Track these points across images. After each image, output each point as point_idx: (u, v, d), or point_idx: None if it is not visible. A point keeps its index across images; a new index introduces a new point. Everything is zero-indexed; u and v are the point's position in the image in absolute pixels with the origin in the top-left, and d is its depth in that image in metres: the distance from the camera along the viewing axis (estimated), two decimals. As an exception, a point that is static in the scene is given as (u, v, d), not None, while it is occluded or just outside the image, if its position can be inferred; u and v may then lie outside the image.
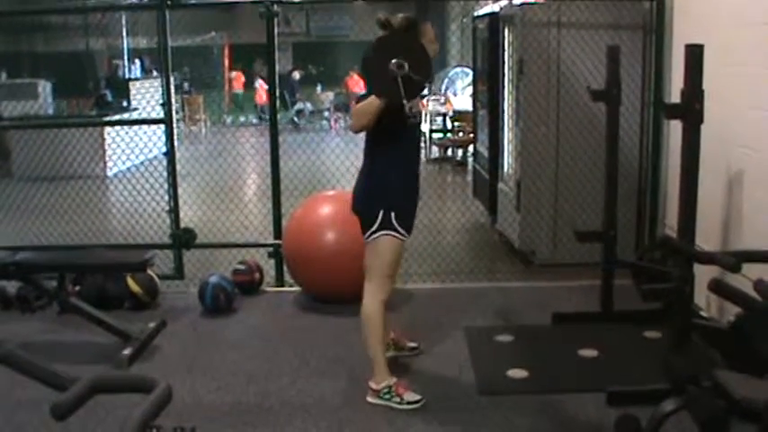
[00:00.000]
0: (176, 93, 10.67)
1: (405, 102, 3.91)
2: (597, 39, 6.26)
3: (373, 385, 4.15)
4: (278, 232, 6.36)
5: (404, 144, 4.17)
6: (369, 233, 4.12)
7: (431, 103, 16.36)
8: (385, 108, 3.87)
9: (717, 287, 3.52)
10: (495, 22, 7.72)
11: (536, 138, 6.62)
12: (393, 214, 4.08)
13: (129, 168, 10.52)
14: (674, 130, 5.47)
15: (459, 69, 17.92)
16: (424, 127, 14.97)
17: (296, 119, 19.22)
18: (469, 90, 12.78)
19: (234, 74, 23.77)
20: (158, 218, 6.85)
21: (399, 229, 4.10)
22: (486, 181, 8.12)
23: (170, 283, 6.33)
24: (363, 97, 4.05)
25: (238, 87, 23.73)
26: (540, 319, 5.34)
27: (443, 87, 17.57)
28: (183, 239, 6.46)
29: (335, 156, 7.41)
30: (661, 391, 3.53)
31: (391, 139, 4.08)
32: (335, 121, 19.25)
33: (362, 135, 4.11)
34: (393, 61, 3.82)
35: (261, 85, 20.32)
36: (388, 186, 4.12)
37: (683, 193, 4.09)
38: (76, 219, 7.49)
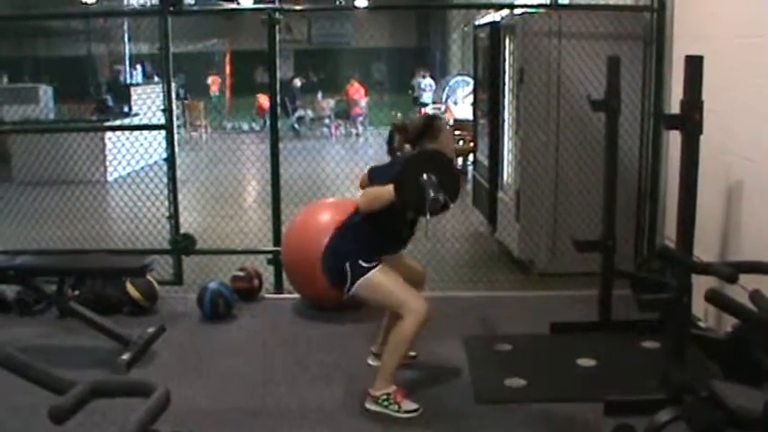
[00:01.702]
0: (176, 99, 10.65)
1: (426, 217, 3.88)
2: (597, 49, 6.27)
3: (372, 392, 4.16)
4: (277, 239, 6.37)
5: (392, 228, 4.17)
6: (348, 289, 4.10)
7: (432, 112, 16.39)
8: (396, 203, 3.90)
9: (713, 298, 3.53)
10: (495, 31, 7.73)
11: (536, 147, 6.64)
12: (360, 261, 4.06)
13: (129, 174, 10.52)
14: (674, 141, 5.48)
15: (459, 78, 17.95)
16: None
17: (296, 126, 19.23)
18: (470, 99, 12.80)
19: (210, 78, 23.86)
20: (158, 223, 6.85)
21: (371, 264, 4.06)
22: (486, 190, 8.13)
23: (169, 288, 6.33)
24: (379, 173, 4.14)
25: (214, 91, 23.80)
26: (539, 329, 5.34)
27: (444, 96, 17.60)
28: (182, 245, 6.46)
29: (335, 163, 7.44)
30: (658, 400, 3.54)
31: (382, 219, 4.06)
32: (336, 128, 19.25)
33: (361, 144, 4.12)
34: (429, 177, 3.84)
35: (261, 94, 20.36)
36: (353, 246, 4.12)
37: (682, 204, 4.10)
38: (76, 223, 7.50)
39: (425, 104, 19.00)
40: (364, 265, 4.05)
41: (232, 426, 4.06)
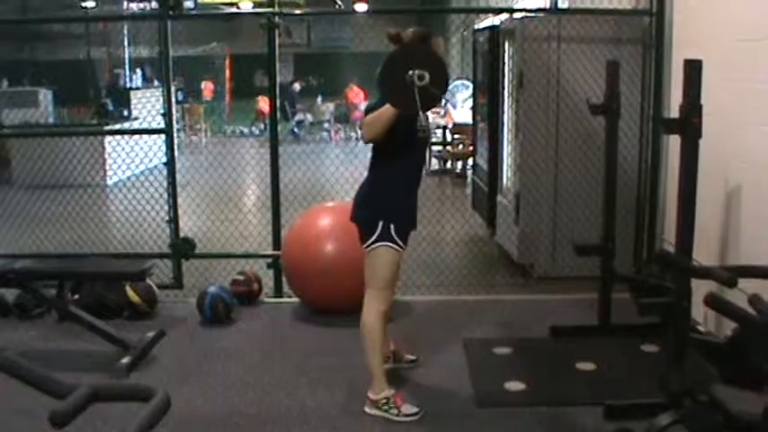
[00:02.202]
0: (176, 102, 10.62)
1: (420, 113, 3.86)
2: (597, 53, 6.29)
3: (371, 396, 4.16)
4: (277, 243, 6.37)
5: (410, 160, 4.19)
6: (368, 243, 4.14)
7: (431, 116, 16.39)
8: (397, 118, 3.89)
9: (713, 302, 3.53)
10: (495, 35, 7.75)
11: (535, 151, 6.64)
12: (392, 227, 4.10)
13: (129, 177, 10.53)
14: (673, 145, 5.49)
15: (459, 82, 17.95)
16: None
17: (296, 130, 19.23)
18: (469, 103, 12.81)
19: (204, 84, 23.93)
20: (158, 227, 6.86)
21: (398, 240, 4.12)
22: (486, 194, 8.14)
23: (169, 292, 6.33)
24: (372, 108, 4.07)
25: (207, 95, 23.87)
26: (539, 332, 5.34)
27: (443, 100, 17.60)
28: (182, 249, 6.46)
29: (335, 167, 7.43)
30: (658, 404, 3.54)
31: (398, 153, 4.10)
32: (336, 132, 19.26)
33: (361, 147, 4.13)
34: (413, 72, 3.82)
35: (261, 98, 20.34)
36: (389, 199, 4.15)
37: (682, 208, 4.10)
38: (76, 227, 7.50)
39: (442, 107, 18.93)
40: (395, 237, 4.10)
41: (231, 429, 4.06)
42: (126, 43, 20.24)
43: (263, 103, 20.03)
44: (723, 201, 5.04)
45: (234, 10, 14.63)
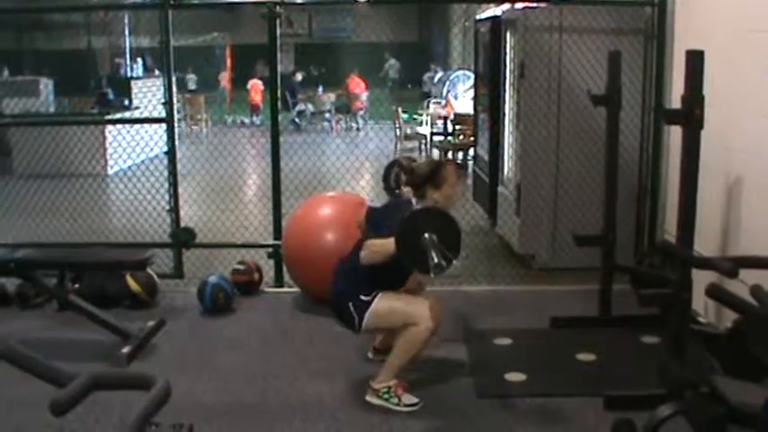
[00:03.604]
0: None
1: (431, 274, 3.83)
2: (598, 43, 6.27)
3: (374, 384, 4.16)
4: (278, 233, 6.37)
5: (393, 275, 4.15)
6: (359, 325, 4.10)
7: (432, 106, 16.38)
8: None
9: (714, 292, 3.53)
10: (497, 25, 7.73)
11: (536, 141, 6.63)
12: (360, 295, 4.07)
13: (129, 167, 10.52)
14: (674, 136, 5.48)
15: (460, 72, 17.94)
16: (425, 129, 15.01)
17: (297, 120, 19.21)
18: (470, 93, 12.79)
19: (222, 74, 23.85)
20: (158, 217, 6.85)
21: (370, 297, 4.06)
22: (486, 184, 8.13)
23: (169, 282, 6.33)
24: (376, 215, 4.19)
25: (226, 86, 23.80)
26: (539, 323, 5.34)
27: (445, 90, 17.58)
28: (182, 239, 6.46)
29: (336, 157, 7.43)
30: (658, 395, 3.54)
31: (387, 273, 4.07)
32: (336, 122, 19.24)
33: (362, 138, 4.12)
34: (431, 238, 3.81)
35: (254, 85, 20.27)
36: (355, 284, 4.12)
37: (683, 199, 4.10)
38: (77, 217, 7.50)
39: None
40: (365, 299, 4.06)
41: (232, 419, 4.07)
42: (127, 33, 20.17)
43: (255, 94, 20.05)
44: (724, 192, 5.03)
45: (235, 0, 14.61)
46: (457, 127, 13.61)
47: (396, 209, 4.23)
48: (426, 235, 3.82)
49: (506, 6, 7.50)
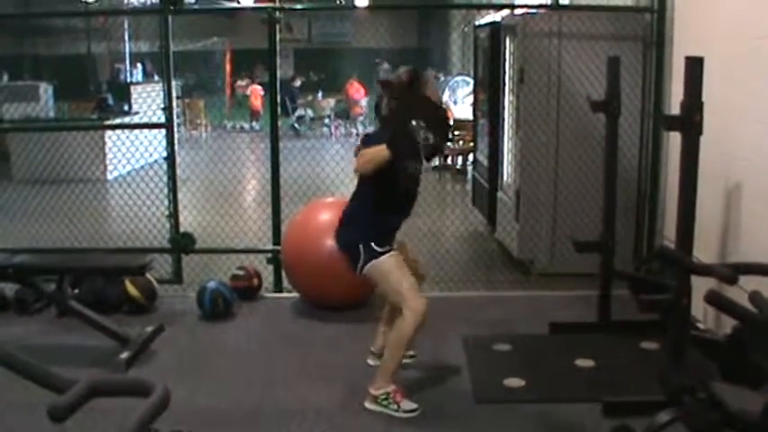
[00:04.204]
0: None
1: (421, 163, 3.95)
2: (597, 49, 6.27)
3: (372, 390, 4.16)
4: (277, 238, 6.37)
5: (395, 191, 4.19)
6: (359, 268, 4.15)
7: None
8: (391, 161, 3.93)
9: (713, 299, 3.52)
10: (496, 31, 7.74)
11: (535, 147, 6.64)
12: (372, 243, 4.11)
13: (129, 172, 10.53)
14: (674, 142, 5.48)
15: (459, 78, 17.94)
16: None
17: (296, 125, 19.22)
18: (470, 99, 12.79)
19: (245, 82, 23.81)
20: (158, 222, 6.85)
21: (383, 250, 4.11)
22: (486, 190, 8.13)
23: (168, 287, 6.33)
24: (373, 138, 4.16)
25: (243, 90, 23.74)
26: (538, 329, 5.34)
27: (444, 96, 17.59)
28: (182, 244, 6.46)
29: (335, 163, 7.42)
30: (657, 402, 3.53)
31: (383, 186, 4.11)
32: (336, 127, 19.24)
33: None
34: (416, 124, 3.88)
35: (253, 90, 20.25)
36: (365, 223, 4.17)
37: (682, 205, 4.10)
38: (76, 222, 7.50)
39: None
40: (377, 249, 4.10)
41: (231, 425, 4.06)
42: (126, 38, 20.19)
43: (255, 99, 20.04)
44: (723, 198, 5.04)
45: (235, 5, 14.63)
46: (456, 132, 13.60)
47: (384, 124, 4.30)
48: (413, 122, 3.92)
49: (506, 12, 7.51)
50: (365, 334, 4.99)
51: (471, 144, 10.42)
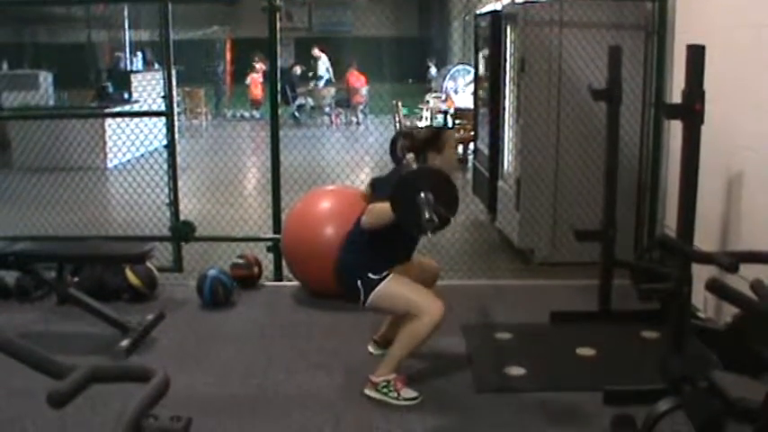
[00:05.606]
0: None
1: (427, 234, 3.88)
2: (599, 38, 6.26)
3: (373, 378, 4.16)
4: (277, 226, 6.37)
5: (397, 244, 4.19)
6: (363, 302, 4.12)
7: (433, 101, 16.36)
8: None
9: (714, 287, 3.51)
10: (497, 20, 7.72)
11: (536, 136, 6.63)
12: (369, 274, 4.08)
13: (129, 160, 10.51)
14: (675, 131, 5.47)
15: (460, 67, 17.90)
16: (425, 124, 14.99)
17: (297, 114, 19.19)
18: (471, 88, 12.77)
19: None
20: (158, 210, 6.85)
21: (380, 277, 4.07)
22: (486, 179, 8.12)
23: (169, 275, 6.33)
24: (380, 183, 4.24)
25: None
26: (539, 318, 5.34)
27: (445, 85, 17.56)
28: (182, 232, 6.46)
29: (336, 151, 7.43)
30: (657, 390, 3.54)
31: (386, 236, 4.08)
32: (336, 116, 19.21)
33: (362, 132, 4.12)
34: (426, 196, 3.82)
35: (253, 80, 20.19)
36: (363, 261, 4.14)
37: (683, 194, 4.09)
38: (76, 210, 7.49)
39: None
40: (374, 277, 4.07)
41: (231, 412, 4.07)
42: (126, 26, 20.12)
43: (255, 88, 19.97)
44: (724, 186, 5.03)
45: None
46: (457, 121, 13.59)
47: (396, 174, 4.26)
48: (422, 194, 3.83)
49: (507, 1, 7.48)
50: (365, 322, 4.99)
51: (472, 133, 10.40)
